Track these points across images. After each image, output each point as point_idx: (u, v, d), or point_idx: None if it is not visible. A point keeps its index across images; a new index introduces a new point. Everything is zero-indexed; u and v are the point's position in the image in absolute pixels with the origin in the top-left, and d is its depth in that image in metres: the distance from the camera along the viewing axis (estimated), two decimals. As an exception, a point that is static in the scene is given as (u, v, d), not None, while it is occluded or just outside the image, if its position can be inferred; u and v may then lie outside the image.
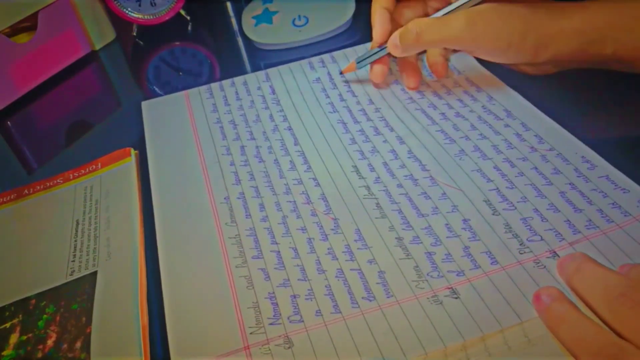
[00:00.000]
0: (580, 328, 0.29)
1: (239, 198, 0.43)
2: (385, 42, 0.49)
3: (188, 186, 0.45)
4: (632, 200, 0.37)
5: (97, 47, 0.67)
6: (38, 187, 0.48)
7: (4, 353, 0.35)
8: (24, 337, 0.36)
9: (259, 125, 0.50)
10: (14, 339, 0.36)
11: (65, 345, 0.35)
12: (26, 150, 0.57)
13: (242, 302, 0.35)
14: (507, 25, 0.43)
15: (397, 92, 0.52)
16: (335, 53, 0.58)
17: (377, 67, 0.51)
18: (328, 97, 0.53)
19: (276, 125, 0.50)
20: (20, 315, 0.37)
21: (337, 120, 0.50)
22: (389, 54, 0.50)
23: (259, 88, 0.55)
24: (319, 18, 0.62)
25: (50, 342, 0.35)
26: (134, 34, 0.68)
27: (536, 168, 0.41)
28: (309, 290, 0.35)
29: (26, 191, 0.48)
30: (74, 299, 0.38)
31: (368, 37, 0.53)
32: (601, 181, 0.39)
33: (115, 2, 0.63)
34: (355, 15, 0.62)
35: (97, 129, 0.57)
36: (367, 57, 0.51)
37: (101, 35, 0.67)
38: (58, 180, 0.48)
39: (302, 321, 0.34)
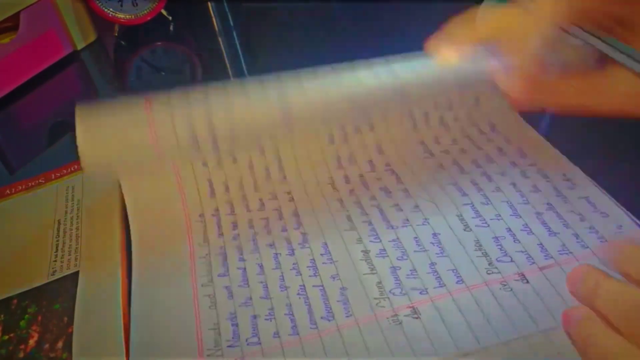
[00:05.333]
0: (611, 345, 0.28)
1: (213, 215, 0.42)
2: None
3: (162, 197, 0.43)
4: (611, 225, 0.35)
5: (79, 47, 0.67)
6: (20, 187, 0.48)
7: (-14, 353, 0.35)
8: (6, 337, 0.36)
9: None
10: (-5, 338, 0.36)
11: (47, 345, 0.35)
12: (8, 150, 0.57)
13: (203, 323, 0.35)
14: None
15: None
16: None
17: None
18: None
19: None
20: (2, 315, 0.38)
21: None
22: None
23: None
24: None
25: (32, 342, 0.36)
26: (116, 34, 0.68)
27: (514, 184, 0.39)
28: (269, 309, 0.35)
29: (8, 191, 0.48)
30: (56, 298, 0.38)
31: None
32: (580, 202, 0.37)
33: (97, 2, 0.63)
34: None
35: (79, 129, 0.57)
36: None
37: (83, 35, 0.66)
38: (40, 180, 0.48)
39: (260, 343, 0.33)
